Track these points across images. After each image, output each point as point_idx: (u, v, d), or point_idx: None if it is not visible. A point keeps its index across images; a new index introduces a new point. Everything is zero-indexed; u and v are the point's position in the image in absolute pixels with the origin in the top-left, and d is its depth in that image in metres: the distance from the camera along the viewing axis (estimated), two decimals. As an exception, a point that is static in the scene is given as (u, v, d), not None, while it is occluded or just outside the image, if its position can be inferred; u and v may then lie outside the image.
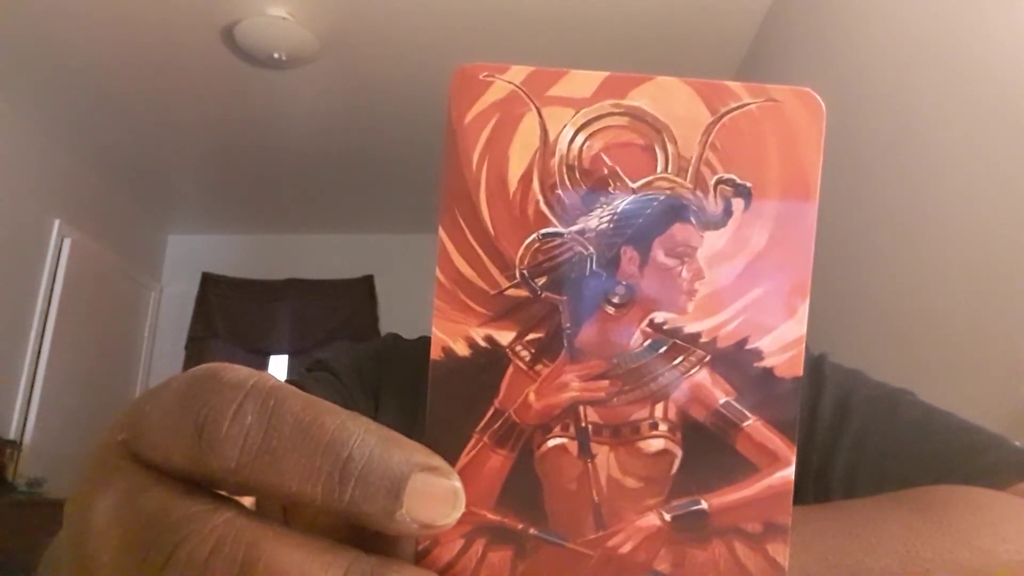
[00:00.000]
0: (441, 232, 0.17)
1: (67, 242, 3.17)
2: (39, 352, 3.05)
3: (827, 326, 1.77)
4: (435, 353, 0.17)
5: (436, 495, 0.15)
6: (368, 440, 0.15)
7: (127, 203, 3.75)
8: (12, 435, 2.95)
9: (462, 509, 0.16)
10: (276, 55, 2.52)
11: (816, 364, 0.54)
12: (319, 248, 4.11)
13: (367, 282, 4.04)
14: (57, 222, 3.15)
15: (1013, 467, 0.43)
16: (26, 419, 3.01)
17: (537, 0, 2.34)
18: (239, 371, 0.16)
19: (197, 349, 3.83)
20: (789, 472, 0.17)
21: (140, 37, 2.55)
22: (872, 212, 1.63)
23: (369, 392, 0.58)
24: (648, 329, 0.17)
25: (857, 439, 0.49)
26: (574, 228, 0.17)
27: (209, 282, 3.97)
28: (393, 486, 0.15)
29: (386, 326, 3.97)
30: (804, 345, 0.17)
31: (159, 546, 0.15)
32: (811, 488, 0.49)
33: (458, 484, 0.16)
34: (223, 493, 0.17)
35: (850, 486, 0.47)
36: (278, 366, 3.94)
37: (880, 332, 1.56)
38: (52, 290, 3.09)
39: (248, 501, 0.19)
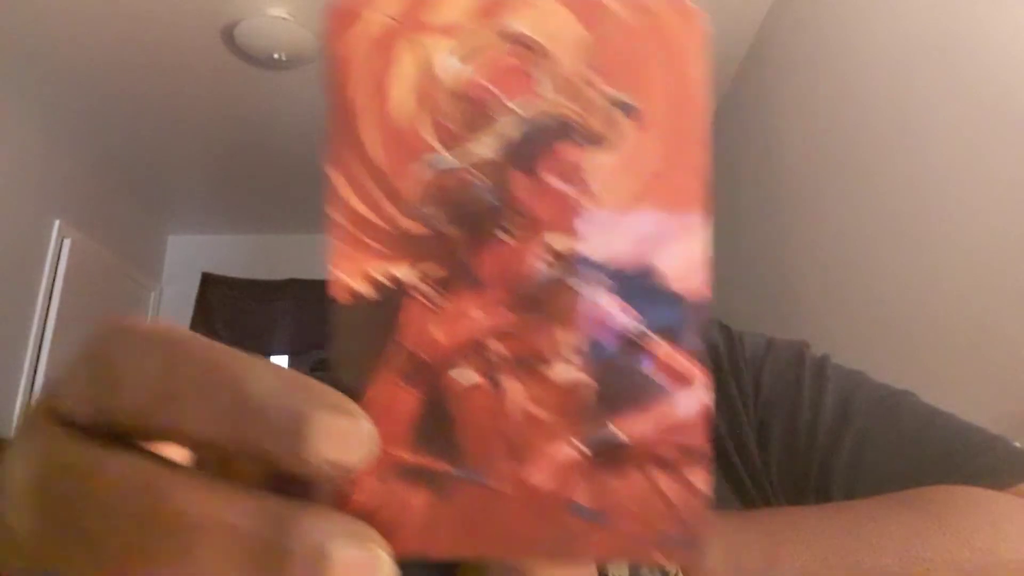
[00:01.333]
0: (331, 170, 0.16)
1: (67, 242, 3.18)
2: (39, 352, 3.06)
3: (827, 326, 1.76)
4: (336, 294, 0.16)
5: (343, 434, 0.15)
6: (271, 382, 0.15)
7: (127, 203, 3.75)
8: (12, 435, 2.95)
9: (373, 448, 0.15)
10: (276, 55, 2.53)
11: (819, 365, 0.54)
12: (319, 248, 4.11)
13: (368, 282, 4.04)
14: (57, 222, 3.16)
15: (1013, 468, 0.43)
16: (27, 419, 3.01)
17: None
18: (143, 321, 0.16)
19: (199, 349, 3.83)
20: (702, 394, 0.16)
21: (140, 37, 2.56)
22: (872, 212, 1.62)
23: None
24: (548, 256, 0.16)
25: (858, 440, 0.48)
26: (464, 157, 0.16)
27: (209, 282, 3.98)
28: (296, 425, 0.15)
29: (387, 326, 3.96)
30: (708, 264, 0.16)
31: (68, 496, 0.15)
32: (812, 488, 0.49)
33: (367, 423, 0.15)
34: (142, 446, 0.17)
35: (851, 486, 0.47)
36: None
37: (880, 332, 1.55)
38: (52, 290, 3.09)
39: (180, 454, 0.19)
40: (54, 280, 3.12)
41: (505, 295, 0.16)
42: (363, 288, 0.16)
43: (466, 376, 0.16)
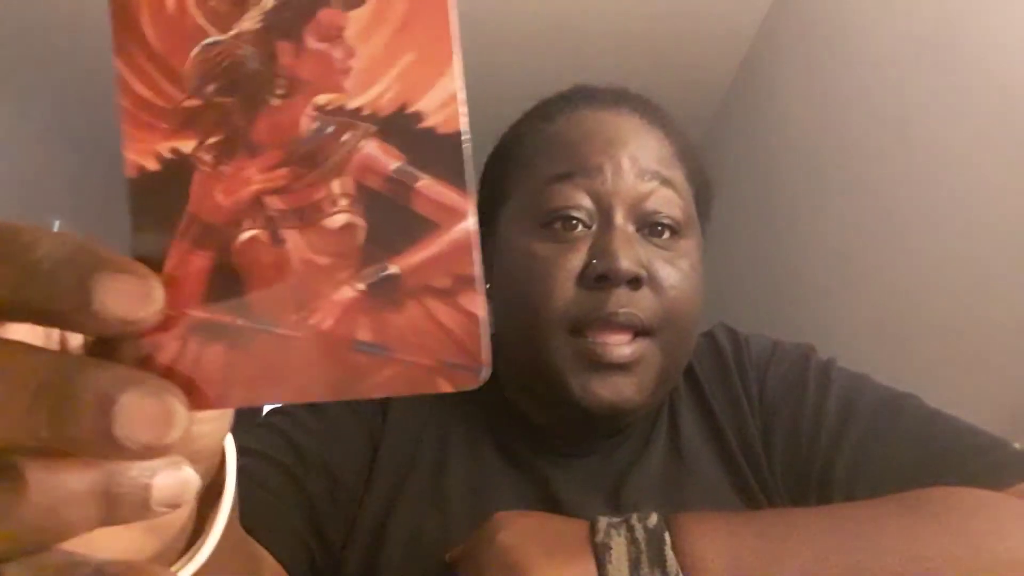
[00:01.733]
0: (116, 60, 0.18)
1: (66, 240, 3.19)
2: (37, 351, 3.06)
3: (828, 326, 1.74)
4: (128, 172, 0.18)
5: (127, 290, 0.16)
6: (60, 247, 0.16)
7: (127, 203, 3.78)
8: None
9: (159, 303, 0.17)
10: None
11: (823, 368, 0.54)
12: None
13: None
14: (57, 222, 3.14)
15: (1013, 468, 0.44)
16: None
17: (534, 2, 2.36)
18: None
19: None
20: (467, 223, 0.17)
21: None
22: (873, 212, 1.61)
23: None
24: (314, 113, 0.18)
25: (860, 441, 0.49)
26: (231, 33, 0.18)
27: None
28: (81, 283, 0.16)
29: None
30: (459, 101, 0.17)
31: None
32: (814, 488, 0.49)
33: (152, 281, 0.17)
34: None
35: (852, 486, 0.47)
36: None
37: (880, 332, 1.53)
38: (51, 288, 3.11)
39: (22, 333, 0.20)
40: (53, 277, 3.14)
41: (279, 154, 0.18)
42: (151, 164, 0.18)
43: (248, 234, 0.18)
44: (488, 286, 0.56)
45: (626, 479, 0.53)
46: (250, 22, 0.18)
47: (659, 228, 0.51)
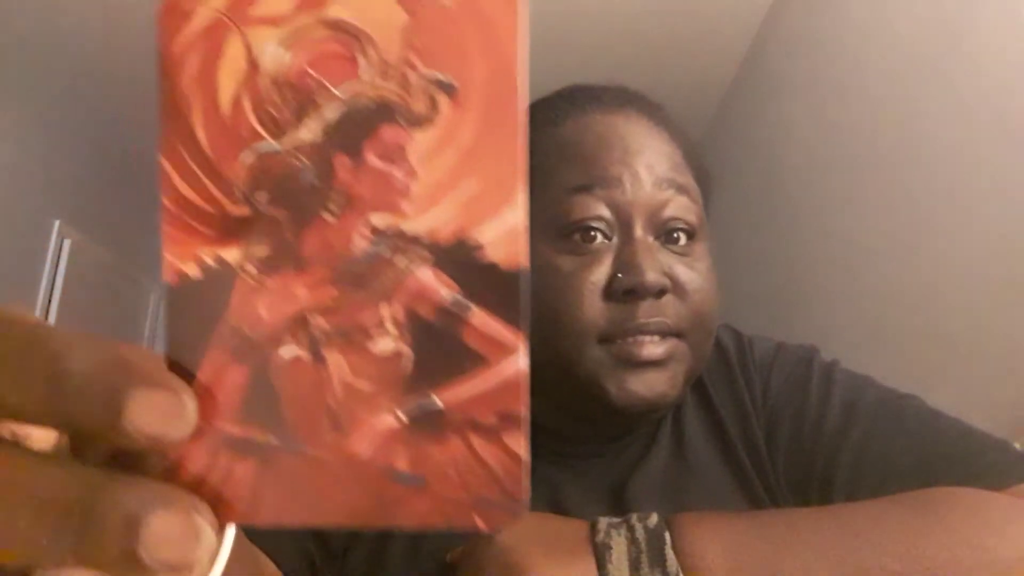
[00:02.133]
0: (162, 159, 0.17)
1: (67, 242, 3.20)
2: (42, 352, 3.08)
3: (829, 326, 1.76)
4: (167, 277, 0.17)
5: (160, 408, 0.16)
6: (89, 358, 0.16)
7: (127, 203, 3.77)
8: (17, 435, 2.98)
9: (191, 421, 0.16)
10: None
11: (827, 370, 0.55)
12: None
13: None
14: (57, 223, 3.17)
15: (1013, 469, 0.44)
16: (31, 419, 3.04)
17: (534, 3, 2.32)
18: None
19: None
20: (518, 360, 0.17)
21: (141, 38, 2.57)
22: (872, 212, 1.62)
23: None
24: (368, 233, 0.17)
25: (862, 442, 0.49)
26: (288, 142, 0.17)
27: (210, 279, 4.00)
28: (112, 399, 0.15)
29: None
30: (525, 235, 0.17)
31: None
32: (816, 489, 0.50)
33: (186, 398, 0.16)
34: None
35: (854, 487, 0.48)
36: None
37: (880, 332, 1.55)
38: (52, 290, 3.12)
39: (42, 437, 0.19)
40: (54, 280, 3.14)
41: (328, 272, 0.17)
42: (191, 270, 0.17)
43: (290, 351, 0.17)
44: None
45: (629, 480, 0.53)
46: (309, 132, 0.17)
47: (676, 235, 0.51)
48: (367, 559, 0.50)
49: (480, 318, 0.17)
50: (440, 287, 0.17)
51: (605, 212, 0.50)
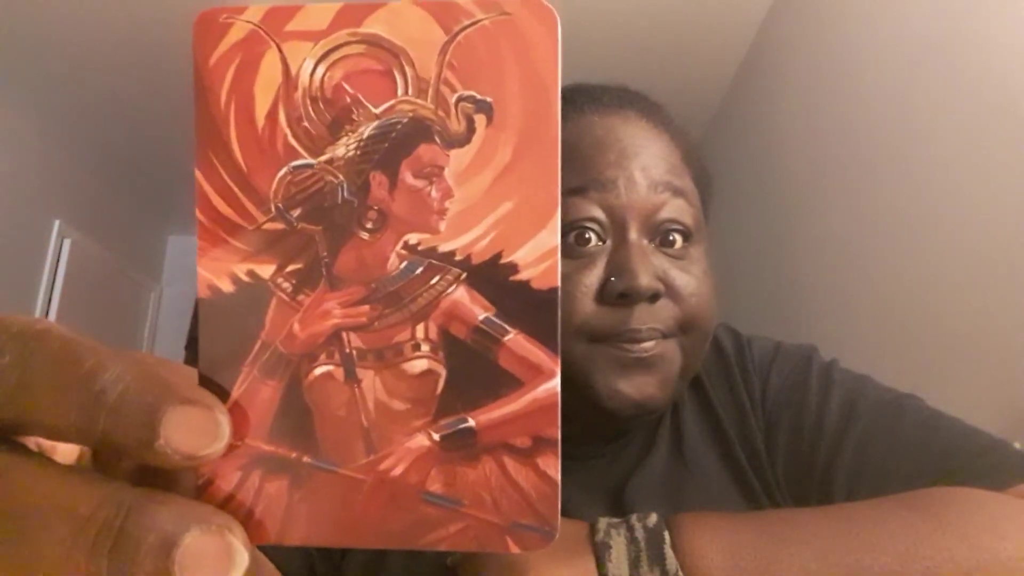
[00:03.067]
0: (197, 174, 0.17)
1: (67, 242, 3.19)
2: (41, 352, 3.07)
3: (829, 326, 1.76)
4: (201, 292, 0.17)
5: (194, 426, 0.15)
6: (124, 375, 0.15)
7: (127, 203, 3.77)
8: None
9: (224, 440, 0.16)
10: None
11: (826, 369, 0.55)
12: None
13: (368, 279, 4.05)
14: (57, 222, 3.17)
15: (1013, 469, 0.44)
16: (29, 419, 3.03)
17: None
18: (16, 318, 0.17)
19: (197, 349, 3.84)
20: (554, 384, 0.17)
21: (140, 38, 2.57)
22: (873, 212, 1.62)
23: None
24: (403, 251, 0.17)
25: (861, 441, 0.49)
26: (323, 158, 0.17)
27: (210, 281, 3.99)
28: (148, 418, 0.15)
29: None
30: (559, 255, 0.17)
31: None
32: (815, 489, 0.49)
33: (219, 416, 0.16)
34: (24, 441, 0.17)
35: (853, 487, 0.48)
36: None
37: (880, 333, 1.55)
38: (52, 290, 3.11)
39: (67, 451, 0.19)
40: (54, 280, 3.14)
41: (362, 289, 0.17)
42: (225, 285, 0.17)
43: (323, 369, 0.17)
44: None
45: (629, 481, 0.53)
46: (345, 149, 0.17)
47: (671, 238, 0.51)
48: (365, 564, 0.50)
49: (516, 339, 0.17)
50: (475, 307, 0.17)
51: (599, 214, 0.50)
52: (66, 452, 0.19)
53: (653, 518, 0.38)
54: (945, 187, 1.37)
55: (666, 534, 0.37)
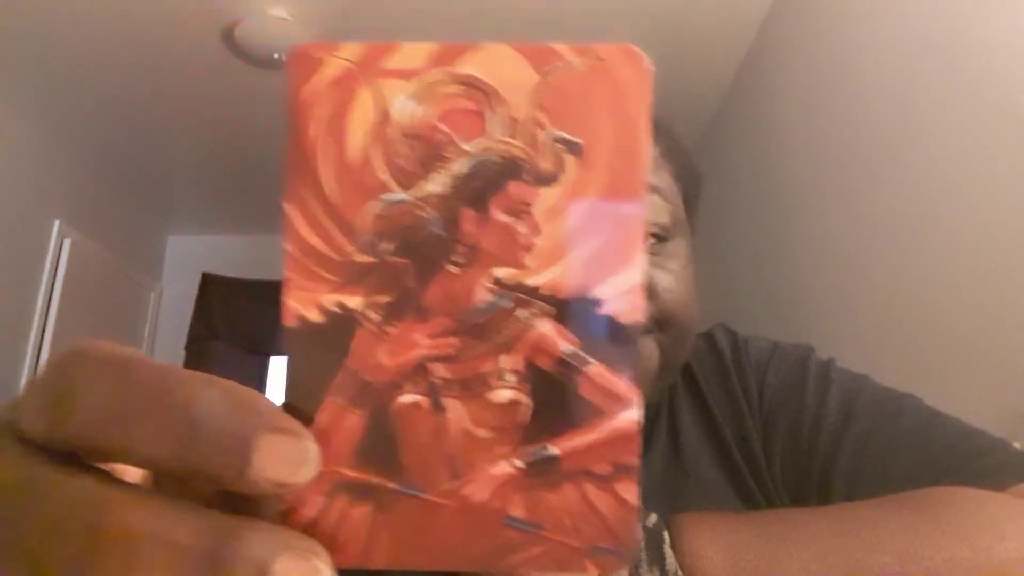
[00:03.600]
0: (287, 205, 0.17)
1: (67, 242, 3.19)
2: (39, 352, 3.07)
3: (828, 326, 1.76)
4: (289, 321, 0.17)
5: (285, 454, 0.16)
6: (217, 404, 0.16)
7: (127, 203, 3.76)
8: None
9: (314, 468, 0.16)
10: (276, 55, 2.54)
11: (823, 369, 0.54)
12: (319, 248, 4.12)
13: (367, 282, 4.05)
14: (57, 222, 3.17)
15: (1012, 469, 0.44)
16: (27, 419, 3.03)
17: (534, 3, 2.34)
18: (102, 345, 0.17)
19: (197, 349, 3.84)
20: (634, 413, 0.17)
21: (140, 38, 2.57)
22: (873, 213, 1.62)
23: None
24: (491, 285, 0.17)
25: (860, 442, 0.49)
26: (415, 193, 0.17)
27: (209, 282, 3.98)
28: (240, 446, 0.15)
29: (386, 326, 3.98)
30: (642, 291, 0.17)
31: (20, 510, 0.16)
32: (814, 489, 0.49)
33: (309, 444, 0.16)
34: (102, 466, 0.17)
35: (852, 487, 0.47)
36: (279, 366, 3.95)
37: (880, 333, 1.56)
38: (52, 290, 3.10)
39: (136, 474, 0.19)
40: (54, 280, 3.13)
41: (449, 322, 0.17)
42: (313, 316, 0.17)
43: (409, 398, 0.17)
44: None
45: None
46: (436, 184, 0.17)
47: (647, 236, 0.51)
48: None
49: (598, 371, 0.17)
50: (560, 340, 0.17)
51: None
52: (134, 476, 0.19)
53: (652, 518, 0.38)
54: (945, 187, 1.37)
55: (665, 534, 0.37)
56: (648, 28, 2.44)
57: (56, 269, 3.14)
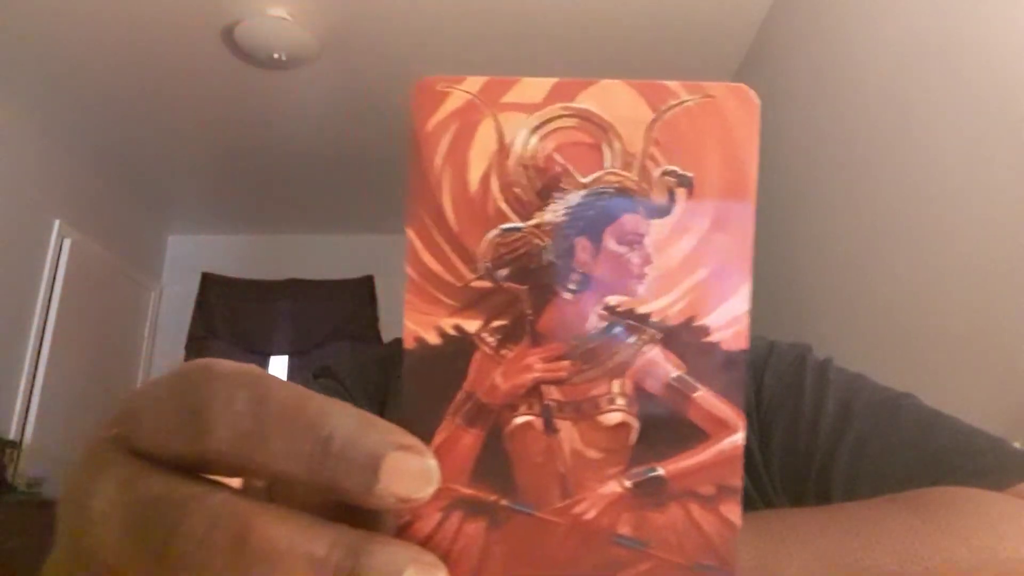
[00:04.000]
0: (409, 231, 0.18)
1: (67, 242, 3.18)
2: (39, 352, 3.06)
3: (828, 326, 1.77)
4: (408, 343, 0.18)
5: (410, 471, 0.16)
6: (347, 422, 0.16)
7: (127, 203, 3.76)
8: (12, 435, 2.96)
9: (436, 484, 0.17)
10: (276, 55, 2.54)
11: (821, 368, 0.54)
12: (319, 248, 4.13)
13: (367, 282, 4.06)
14: (57, 222, 3.16)
15: (1012, 468, 0.44)
16: (26, 419, 3.03)
17: (535, 2, 2.35)
18: (228, 363, 0.18)
19: (197, 349, 3.84)
20: (738, 437, 0.18)
21: (140, 38, 2.57)
22: (872, 212, 1.63)
23: (374, 399, 0.59)
24: (603, 312, 0.18)
25: (859, 442, 0.49)
26: (531, 222, 0.18)
27: (209, 282, 3.98)
28: (370, 463, 0.16)
29: (386, 326, 3.99)
30: (748, 320, 0.18)
31: (162, 524, 0.16)
32: (812, 490, 0.49)
33: (432, 461, 0.17)
34: (215, 478, 0.18)
35: (851, 488, 0.47)
36: (278, 366, 3.95)
37: (880, 333, 1.56)
38: (52, 290, 3.10)
39: (235, 484, 0.20)
40: (54, 280, 3.12)
41: (563, 346, 0.18)
42: (432, 338, 0.18)
43: (523, 419, 0.18)
44: None
45: None
46: (553, 214, 0.18)
47: None
48: None
49: (704, 396, 0.18)
50: (668, 366, 0.18)
51: None
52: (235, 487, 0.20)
53: None
54: (945, 187, 1.38)
55: None
56: (648, 28, 2.45)
57: (56, 269, 3.13)
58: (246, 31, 2.45)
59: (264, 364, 3.90)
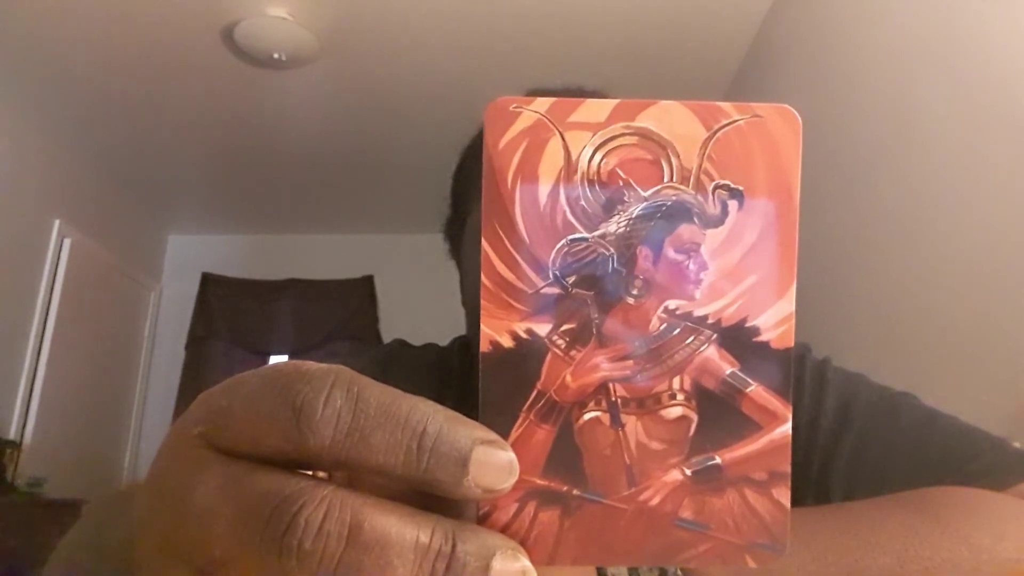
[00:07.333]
0: (484, 243, 0.20)
1: (67, 242, 3.18)
2: (39, 352, 3.07)
3: (828, 326, 1.79)
4: (484, 346, 0.20)
5: (495, 464, 0.18)
6: (437, 418, 0.18)
7: (127, 203, 3.76)
8: (12, 435, 2.97)
9: (515, 476, 0.19)
10: (276, 55, 2.54)
11: (819, 368, 0.55)
12: (319, 248, 4.14)
13: (367, 282, 4.07)
14: (57, 222, 3.16)
15: (1012, 469, 0.44)
16: (26, 419, 3.03)
17: (535, 1, 2.36)
18: (316, 364, 0.19)
19: (197, 349, 3.85)
20: (787, 427, 0.20)
21: (140, 37, 2.57)
22: (872, 213, 1.64)
23: None
24: (663, 315, 0.20)
25: (858, 442, 0.49)
26: (597, 233, 0.20)
27: (209, 282, 3.99)
28: (460, 457, 0.18)
29: (386, 326, 4.00)
30: (794, 320, 0.20)
31: (279, 514, 0.17)
32: (812, 489, 0.50)
33: (512, 455, 0.19)
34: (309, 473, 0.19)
35: (851, 487, 0.48)
36: (277, 365, 3.94)
37: (880, 333, 1.58)
38: (52, 290, 3.10)
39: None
40: (54, 280, 3.12)
41: (627, 347, 0.20)
42: (506, 341, 0.20)
43: (592, 414, 0.20)
44: (463, 298, 0.58)
45: None
46: (616, 226, 0.20)
47: None
48: None
49: (756, 391, 0.20)
50: (723, 363, 0.20)
51: None
52: None
53: None
54: (944, 187, 1.39)
55: None
56: (649, 28, 2.47)
57: (56, 269, 3.13)
58: (246, 31, 2.45)
59: (263, 364, 3.88)
